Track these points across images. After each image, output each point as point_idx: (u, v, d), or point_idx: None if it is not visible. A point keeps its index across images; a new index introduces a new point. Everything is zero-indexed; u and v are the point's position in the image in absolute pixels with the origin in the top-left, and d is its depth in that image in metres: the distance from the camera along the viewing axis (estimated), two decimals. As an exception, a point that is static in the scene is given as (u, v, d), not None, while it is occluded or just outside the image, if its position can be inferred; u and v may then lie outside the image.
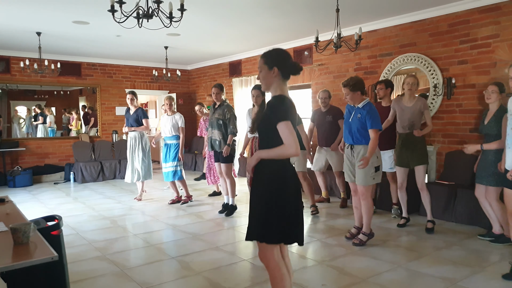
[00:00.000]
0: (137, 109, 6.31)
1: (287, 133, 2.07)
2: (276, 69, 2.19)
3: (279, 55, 2.24)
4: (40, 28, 6.41)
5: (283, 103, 2.15)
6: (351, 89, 3.92)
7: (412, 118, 4.54)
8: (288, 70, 2.22)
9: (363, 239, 4.06)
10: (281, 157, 2.15)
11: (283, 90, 2.23)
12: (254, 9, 5.41)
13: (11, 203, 2.91)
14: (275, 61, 2.20)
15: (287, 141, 2.07)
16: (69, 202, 6.47)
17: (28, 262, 1.69)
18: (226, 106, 5.33)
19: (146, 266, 3.63)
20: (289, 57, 2.26)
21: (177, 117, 6.02)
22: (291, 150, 2.08)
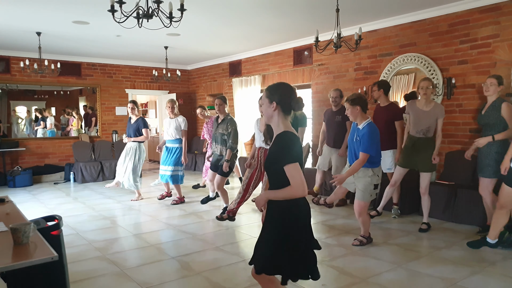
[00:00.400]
0: (138, 118, 6.26)
1: (294, 176, 2.05)
2: (275, 104, 2.15)
3: (282, 90, 2.20)
4: (40, 28, 6.41)
5: (290, 142, 2.11)
6: (350, 103, 3.86)
7: (428, 123, 4.47)
8: (289, 106, 2.19)
9: (363, 240, 4.12)
10: (288, 198, 2.11)
11: (285, 125, 2.18)
12: (254, 9, 5.41)
13: (11, 203, 2.91)
14: (276, 96, 2.16)
15: (295, 184, 2.05)
16: (69, 202, 6.47)
17: (28, 262, 1.70)
18: (229, 120, 5.14)
19: (146, 266, 3.63)
20: (292, 92, 2.23)
21: (180, 120, 6.01)
22: (299, 192, 2.06)
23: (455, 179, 5.20)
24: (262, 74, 8.43)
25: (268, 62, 8.34)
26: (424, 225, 4.61)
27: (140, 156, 6.32)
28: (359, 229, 4.64)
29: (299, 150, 2.14)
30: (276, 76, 8.11)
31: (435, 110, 4.46)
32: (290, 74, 7.83)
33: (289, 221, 2.15)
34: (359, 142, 3.84)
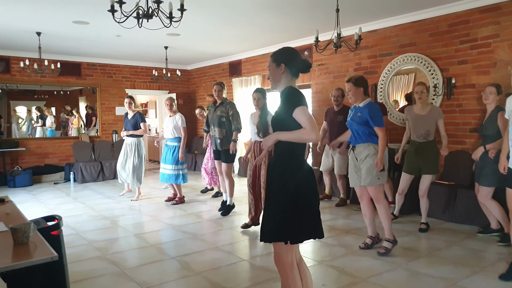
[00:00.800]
0: (135, 113, 6.35)
1: (305, 118, 1.99)
2: (283, 66, 2.16)
3: (287, 52, 2.22)
4: (40, 28, 6.41)
5: (293, 92, 2.10)
6: (354, 84, 3.77)
7: (427, 127, 4.47)
8: (296, 67, 2.19)
9: (388, 246, 3.80)
10: (301, 141, 2.06)
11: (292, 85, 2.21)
12: (254, 9, 5.41)
13: (11, 203, 2.91)
14: (283, 58, 2.18)
15: (307, 125, 1.98)
16: (69, 202, 6.47)
17: (28, 262, 1.69)
18: (229, 103, 5.30)
19: (146, 266, 3.63)
20: (297, 54, 2.23)
21: (178, 117, 6.01)
22: (311, 135, 1.98)
23: (455, 179, 5.20)
24: (262, 74, 8.43)
25: (268, 62, 8.32)
26: (423, 225, 4.62)
27: (140, 151, 6.37)
28: (359, 229, 4.65)
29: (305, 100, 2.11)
30: (276, 76, 8.10)
31: (432, 113, 4.47)
32: (290, 74, 7.82)
33: (293, 182, 2.10)
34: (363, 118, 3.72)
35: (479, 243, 4.11)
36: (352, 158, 3.90)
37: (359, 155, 3.82)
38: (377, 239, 4.05)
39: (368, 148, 3.76)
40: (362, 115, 3.76)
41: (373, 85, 6.33)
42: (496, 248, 3.94)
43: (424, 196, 4.58)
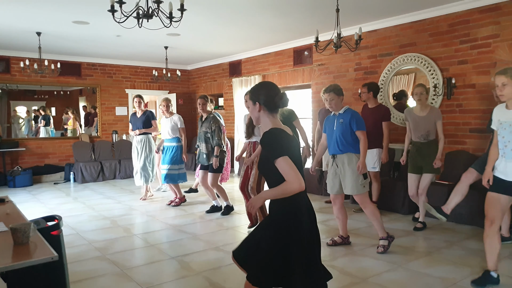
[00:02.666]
0: (145, 111, 6.32)
1: (287, 169, 1.93)
2: (258, 105, 2.09)
3: (263, 89, 2.13)
4: (40, 28, 6.41)
5: (275, 137, 2.00)
6: (336, 94, 3.83)
7: (427, 128, 4.53)
8: (274, 104, 2.09)
9: (385, 243, 3.88)
10: (286, 195, 1.96)
11: (274, 123, 2.10)
12: (254, 9, 5.41)
13: (11, 203, 2.91)
14: (258, 95, 2.10)
15: (289, 178, 1.92)
16: (69, 202, 6.47)
17: (28, 262, 1.69)
18: (212, 118, 5.32)
19: (146, 266, 3.63)
20: (274, 90, 2.13)
21: (176, 118, 5.99)
22: (294, 186, 1.92)
23: (455, 179, 5.17)
24: (262, 74, 8.43)
25: (268, 62, 8.34)
26: (420, 224, 4.64)
27: (151, 148, 6.35)
28: (358, 229, 4.66)
29: (290, 145, 2.02)
30: (276, 76, 8.11)
31: (432, 114, 4.52)
32: (290, 74, 7.83)
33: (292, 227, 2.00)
34: (345, 124, 3.77)
35: (479, 243, 4.09)
36: (333, 166, 3.95)
37: (340, 164, 3.87)
38: (347, 240, 4.11)
39: (349, 158, 3.83)
40: (344, 121, 3.80)
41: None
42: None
43: (423, 195, 4.60)
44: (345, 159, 3.83)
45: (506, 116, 2.95)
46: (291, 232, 2.00)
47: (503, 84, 2.88)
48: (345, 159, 3.84)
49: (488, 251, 3.11)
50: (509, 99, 2.91)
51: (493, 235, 3.05)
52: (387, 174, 5.90)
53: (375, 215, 3.87)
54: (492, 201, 3.04)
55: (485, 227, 3.10)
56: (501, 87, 2.90)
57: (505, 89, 2.88)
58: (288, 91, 8.09)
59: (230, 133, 9.13)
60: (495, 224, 3.03)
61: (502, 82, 2.89)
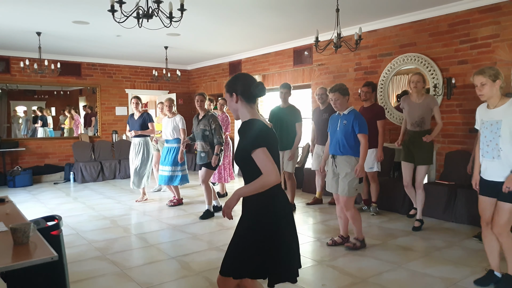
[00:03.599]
0: (143, 113, 6.22)
1: (263, 160, 1.87)
2: (235, 95, 2.06)
3: (239, 80, 2.09)
4: (40, 28, 6.41)
5: (254, 128, 1.96)
6: (342, 93, 3.81)
7: (422, 114, 4.54)
8: (249, 93, 2.05)
9: (357, 243, 3.97)
10: (263, 188, 1.90)
11: (251, 114, 2.06)
12: (254, 9, 5.41)
13: (11, 203, 2.91)
14: (233, 86, 2.07)
15: (265, 169, 1.86)
16: (69, 202, 6.47)
17: (28, 262, 1.69)
18: (211, 116, 5.26)
19: (146, 266, 3.63)
20: (250, 80, 2.09)
21: (178, 119, 5.97)
22: (271, 178, 1.86)
23: (455, 179, 5.20)
24: (262, 74, 8.43)
25: (268, 62, 8.34)
26: (417, 222, 4.63)
27: (148, 151, 6.26)
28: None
29: (268, 136, 1.98)
30: (276, 76, 8.11)
31: (427, 100, 4.54)
32: (290, 74, 7.83)
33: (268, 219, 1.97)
34: (348, 126, 3.78)
35: (479, 243, 4.10)
36: (332, 166, 3.96)
37: (339, 165, 3.88)
38: (347, 240, 4.09)
39: (349, 161, 3.83)
40: (348, 122, 3.81)
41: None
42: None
43: (419, 188, 4.60)
44: (344, 161, 3.84)
45: (487, 116, 3.00)
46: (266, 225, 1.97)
47: (481, 84, 2.91)
48: (344, 161, 3.84)
49: (487, 251, 3.12)
50: (489, 98, 2.94)
51: (490, 235, 3.04)
52: (387, 174, 5.90)
53: (356, 219, 3.95)
54: (482, 204, 3.09)
55: (482, 228, 3.13)
56: (480, 87, 2.93)
57: (484, 89, 2.91)
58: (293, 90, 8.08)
59: (232, 133, 9.12)
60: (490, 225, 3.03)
61: (480, 82, 2.92)
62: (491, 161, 2.92)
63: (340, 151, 3.85)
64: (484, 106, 3.09)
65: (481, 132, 3.06)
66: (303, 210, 5.73)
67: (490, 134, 2.93)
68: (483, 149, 3.00)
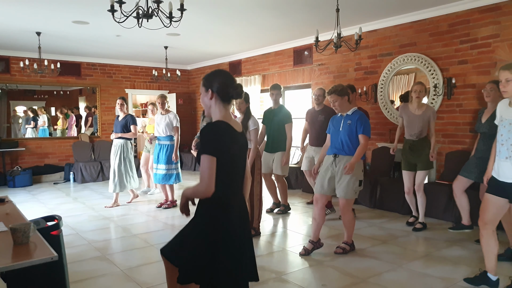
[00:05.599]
0: (127, 115, 6.06)
1: (203, 169, 1.84)
2: (210, 92, 1.99)
3: (216, 76, 2.03)
4: (40, 28, 6.41)
5: (214, 133, 1.91)
6: (339, 94, 3.76)
7: (421, 127, 4.56)
8: (225, 92, 1.99)
9: (346, 248, 3.88)
10: (197, 196, 1.93)
11: (223, 114, 2.00)
12: (254, 9, 5.41)
13: (11, 203, 2.91)
14: (211, 82, 2.00)
15: (201, 177, 1.85)
16: (69, 202, 6.47)
17: (28, 262, 1.69)
18: None
19: (146, 266, 3.63)
20: (230, 79, 2.03)
21: (171, 116, 5.84)
22: (201, 188, 1.85)
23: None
24: (262, 74, 8.43)
25: (268, 62, 8.34)
26: (419, 224, 4.65)
27: (125, 154, 6.09)
28: (358, 229, 4.64)
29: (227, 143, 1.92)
30: (276, 76, 8.11)
31: (427, 113, 4.53)
32: (290, 74, 7.83)
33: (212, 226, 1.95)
34: (353, 126, 3.72)
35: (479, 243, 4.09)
36: (331, 165, 3.84)
37: (340, 165, 3.77)
38: (318, 245, 3.95)
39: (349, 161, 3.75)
40: (352, 122, 3.76)
41: (373, 85, 6.33)
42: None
43: (420, 191, 4.65)
44: (345, 161, 3.73)
45: (507, 114, 2.86)
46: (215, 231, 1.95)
47: (506, 80, 2.77)
48: (345, 161, 3.74)
49: (484, 252, 3.02)
50: None
51: (488, 237, 2.94)
52: (387, 174, 5.90)
53: (351, 224, 3.89)
54: (487, 203, 2.95)
55: (479, 228, 3.00)
56: (505, 83, 2.79)
57: (508, 86, 2.77)
58: (288, 91, 8.11)
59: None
60: (489, 226, 2.93)
61: (506, 78, 2.77)
62: (504, 160, 2.81)
63: (344, 151, 3.77)
64: (506, 102, 2.92)
65: (498, 130, 2.93)
66: (303, 210, 5.73)
67: (507, 133, 2.80)
68: (497, 147, 2.91)
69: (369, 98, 6.35)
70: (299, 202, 6.14)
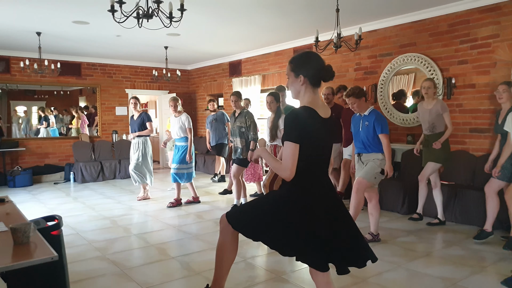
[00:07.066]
0: (141, 113, 6.32)
1: (287, 155, 1.93)
2: (302, 77, 1.97)
3: (307, 60, 2.00)
4: (40, 28, 6.41)
5: (295, 120, 1.94)
6: (356, 97, 3.96)
7: (431, 120, 4.64)
8: (317, 77, 1.98)
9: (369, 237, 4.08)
10: (274, 169, 2.03)
11: (311, 99, 2.00)
12: (254, 9, 5.41)
13: (11, 203, 2.91)
14: (302, 68, 1.98)
15: (284, 163, 1.94)
16: (69, 202, 6.47)
17: (28, 262, 1.69)
18: (247, 113, 5.45)
19: (146, 266, 3.63)
20: (318, 61, 2.00)
21: (184, 118, 5.97)
22: (284, 173, 1.95)
23: (455, 179, 5.20)
24: (262, 74, 8.43)
25: (268, 62, 8.34)
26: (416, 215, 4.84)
27: (146, 150, 6.33)
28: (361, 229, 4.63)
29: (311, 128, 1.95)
30: (276, 76, 8.11)
31: (436, 107, 4.61)
32: (290, 74, 7.83)
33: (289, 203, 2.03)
34: (370, 127, 3.92)
35: (479, 243, 4.10)
36: (360, 164, 4.10)
37: (365, 160, 4.04)
38: (377, 237, 4.17)
39: (376, 155, 3.97)
40: (370, 123, 3.95)
41: (373, 85, 6.33)
42: (496, 248, 3.93)
43: (422, 181, 4.76)
44: (371, 157, 3.99)
45: None
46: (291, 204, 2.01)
47: None
48: (370, 157, 3.99)
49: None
50: None
51: None
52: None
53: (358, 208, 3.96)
54: None
55: None
56: None
57: None
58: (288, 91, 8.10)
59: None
60: None
61: None
62: None
63: (366, 150, 4.01)
64: None
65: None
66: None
67: None
68: None
69: (369, 98, 6.35)
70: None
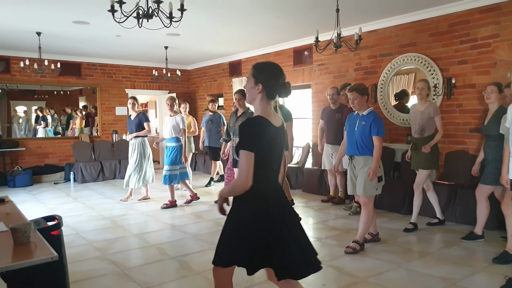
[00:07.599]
0: (139, 113, 6.28)
1: (241, 164, 1.87)
2: (260, 86, 1.97)
3: (269, 72, 2.00)
4: (40, 28, 6.41)
5: (253, 128, 1.92)
6: (360, 93, 3.81)
7: (421, 122, 4.51)
8: (274, 90, 1.99)
9: (356, 247, 3.88)
10: (235, 192, 1.94)
11: (264, 110, 1.99)
12: (254, 9, 5.41)
13: (11, 203, 2.91)
14: (263, 77, 1.98)
15: (240, 172, 1.88)
16: (69, 202, 6.47)
17: (28, 262, 1.70)
18: (250, 113, 5.20)
19: (146, 266, 3.63)
20: (280, 76, 2.00)
21: (178, 118, 5.90)
22: (239, 182, 1.89)
23: (455, 179, 5.20)
24: (262, 74, 8.42)
25: (268, 62, 8.32)
26: (410, 225, 4.61)
27: (145, 151, 6.25)
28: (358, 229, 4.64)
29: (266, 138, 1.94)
30: (276, 76, 8.10)
31: (428, 109, 4.50)
32: (290, 74, 7.83)
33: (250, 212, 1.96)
34: (366, 128, 3.76)
35: (479, 243, 4.11)
36: (351, 167, 3.97)
37: (358, 165, 3.88)
38: (376, 237, 4.14)
39: (366, 160, 3.82)
40: (367, 123, 3.79)
41: (373, 85, 6.33)
42: (496, 249, 3.93)
43: (417, 189, 4.62)
44: (362, 161, 3.83)
45: None
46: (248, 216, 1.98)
47: None
48: (361, 161, 3.83)
49: None
50: None
51: None
52: (387, 174, 5.90)
53: (369, 220, 3.88)
54: None
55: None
56: None
57: None
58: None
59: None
60: None
61: None
62: None
63: (358, 152, 3.84)
64: None
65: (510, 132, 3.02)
66: (303, 210, 5.73)
67: None
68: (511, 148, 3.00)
69: (369, 98, 6.34)
70: (299, 202, 6.14)
